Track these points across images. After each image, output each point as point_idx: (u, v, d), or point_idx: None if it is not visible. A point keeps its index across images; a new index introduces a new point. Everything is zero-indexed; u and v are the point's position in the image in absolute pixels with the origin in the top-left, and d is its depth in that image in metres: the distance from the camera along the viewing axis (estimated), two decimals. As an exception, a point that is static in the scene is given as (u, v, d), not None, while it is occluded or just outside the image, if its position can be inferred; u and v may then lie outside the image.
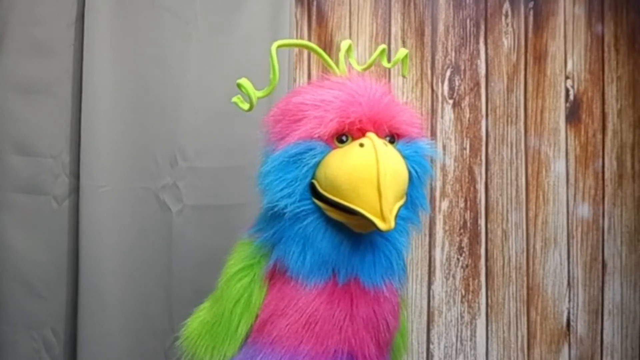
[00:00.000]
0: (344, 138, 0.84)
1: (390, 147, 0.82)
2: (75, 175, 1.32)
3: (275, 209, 0.84)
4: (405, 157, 0.84)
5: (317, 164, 0.83)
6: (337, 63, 0.97)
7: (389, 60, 1.03)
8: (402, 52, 1.01)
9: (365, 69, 1.00)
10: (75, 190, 1.32)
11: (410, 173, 0.85)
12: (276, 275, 0.88)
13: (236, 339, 0.88)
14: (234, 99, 0.93)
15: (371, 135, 0.82)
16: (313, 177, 0.84)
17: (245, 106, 0.92)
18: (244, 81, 0.90)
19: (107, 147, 1.31)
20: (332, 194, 0.81)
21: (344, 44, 0.99)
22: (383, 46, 1.02)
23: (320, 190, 0.83)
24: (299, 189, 0.83)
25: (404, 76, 1.06)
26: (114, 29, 1.31)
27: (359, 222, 0.81)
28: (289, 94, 0.94)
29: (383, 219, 0.76)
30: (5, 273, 1.31)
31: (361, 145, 0.80)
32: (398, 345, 1.00)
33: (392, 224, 0.76)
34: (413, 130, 0.89)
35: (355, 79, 0.89)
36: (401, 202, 0.81)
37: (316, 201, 0.83)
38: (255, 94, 0.90)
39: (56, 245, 1.33)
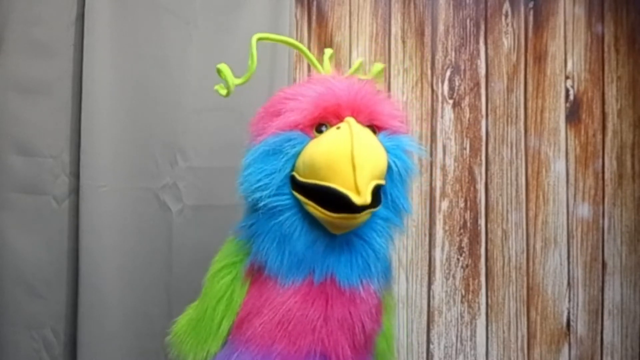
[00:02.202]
0: (322, 128, 0.83)
1: (367, 130, 0.81)
2: (75, 175, 1.32)
3: (250, 201, 0.84)
4: (385, 150, 0.82)
5: (297, 155, 0.83)
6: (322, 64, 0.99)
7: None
8: (358, 62, 1.05)
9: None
10: (75, 190, 1.32)
11: (390, 167, 0.83)
12: (256, 273, 0.88)
13: (218, 336, 0.88)
14: (216, 87, 0.93)
15: (349, 119, 0.81)
16: (292, 169, 0.83)
17: (224, 92, 0.92)
18: (223, 67, 0.90)
19: (107, 147, 1.31)
20: (309, 177, 0.80)
21: (327, 52, 1.01)
22: (360, 60, 1.04)
23: (299, 178, 0.82)
24: (275, 181, 0.82)
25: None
26: (114, 29, 1.31)
27: (336, 222, 0.80)
28: (274, 92, 0.95)
29: (358, 192, 0.74)
30: (5, 273, 1.31)
31: (338, 128, 0.80)
32: (383, 350, 0.97)
33: (368, 198, 0.74)
34: (394, 123, 0.88)
35: (337, 76, 0.90)
36: (379, 182, 0.79)
37: (296, 194, 0.82)
38: (232, 80, 0.90)
39: (56, 245, 1.33)
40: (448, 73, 1.51)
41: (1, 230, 1.31)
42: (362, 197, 0.74)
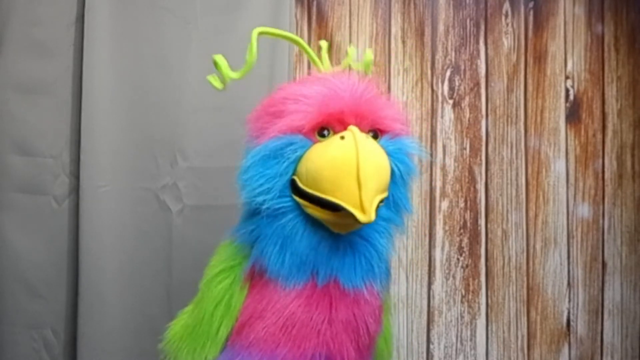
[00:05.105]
0: (325, 132, 0.82)
1: (371, 140, 0.81)
2: (75, 175, 1.32)
3: (253, 205, 0.83)
4: (388, 154, 0.82)
5: (298, 159, 0.81)
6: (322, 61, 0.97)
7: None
8: (368, 54, 0.99)
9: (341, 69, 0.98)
10: (75, 190, 1.32)
11: (392, 171, 0.83)
12: (256, 277, 0.86)
13: (217, 341, 0.87)
14: (208, 77, 0.90)
15: (352, 128, 0.80)
16: (294, 173, 0.82)
17: (219, 85, 0.89)
18: (219, 58, 0.87)
19: (107, 147, 1.31)
20: (313, 188, 0.79)
21: (323, 44, 0.98)
22: (352, 48, 1.01)
23: (301, 186, 0.81)
24: (278, 184, 0.81)
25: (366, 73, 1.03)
26: (114, 29, 1.31)
27: (338, 220, 0.79)
28: (273, 91, 0.93)
29: (363, 210, 0.74)
30: (5, 273, 1.31)
31: (342, 137, 0.79)
32: (381, 351, 0.97)
33: (373, 216, 0.74)
34: (397, 126, 0.87)
35: (338, 75, 0.88)
36: (383, 196, 0.79)
37: (296, 198, 0.82)
38: (228, 73, 0.88)
39: (56, 245, 1.33)
40: (448, 73, 1.51)
41: (1, 230, 1.31)
42: (367, 215, 0.74)
